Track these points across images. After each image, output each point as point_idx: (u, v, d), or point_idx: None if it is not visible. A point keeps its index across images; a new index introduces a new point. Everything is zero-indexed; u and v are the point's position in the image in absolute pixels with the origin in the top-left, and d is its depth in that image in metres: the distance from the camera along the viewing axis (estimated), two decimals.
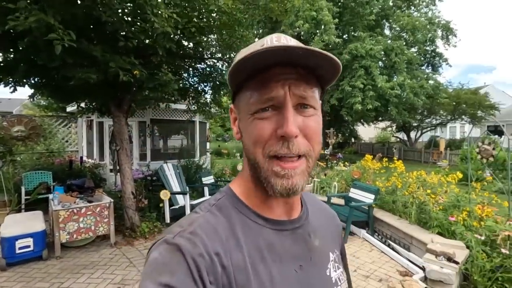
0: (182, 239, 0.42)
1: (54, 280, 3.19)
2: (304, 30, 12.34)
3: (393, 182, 4.86)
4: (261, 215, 0.49)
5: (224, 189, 0.54)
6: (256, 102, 0.44)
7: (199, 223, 0.45)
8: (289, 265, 0.48)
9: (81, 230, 3.82)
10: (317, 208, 0.62)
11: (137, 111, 6.90)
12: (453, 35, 16.93)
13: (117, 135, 4.47)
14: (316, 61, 0.42)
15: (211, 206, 0.49)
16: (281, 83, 0.43)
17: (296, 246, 0.51)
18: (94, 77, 3.05)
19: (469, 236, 3.21)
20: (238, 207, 0.50)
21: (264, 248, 0.47)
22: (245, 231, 0.47)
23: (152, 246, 0.44)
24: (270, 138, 0.44)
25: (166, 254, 0.41)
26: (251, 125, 0.45)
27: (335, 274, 0.56)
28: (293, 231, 0.51)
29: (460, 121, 20.53)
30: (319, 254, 0.54)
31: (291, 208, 0.53)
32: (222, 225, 0.46)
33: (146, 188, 5.71)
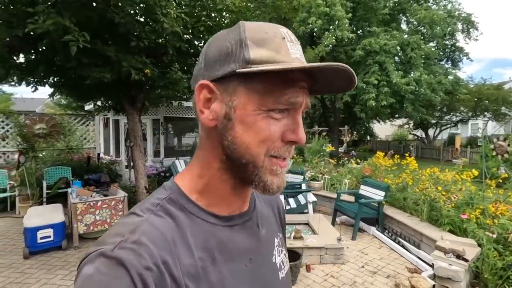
0: (124, 252, 0.36)
1: (73, 268, 3.38)
2: (317, 27, 12.22)
3: (403, 179, 4.78)
4: (212, 212, 0.46)
5: (169, 185, 0.48)
6: (277, 101, 0.42)
7: (143, 230, 0.39)
8: (239, 261, 0.47)
9: (97, 222, 4.02)
10: (262, 195, 0.60)
11: (151, 109, 7.12)
12: (475, 29, 16.26)
13: (131, 132, 4.64)
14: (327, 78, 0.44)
15: (155, 207, 0.43)
16: (303, 91, 0.43)
17: (246, 240, 0.50)
18: (108, 76, 3.20)
19: (480, 234, 3.14)
20: (186, 206, 0.45)
21: (215, 248, 0.45)
22: (195, 233, 0.44)
23: (85, 259, 0.37)
24: (277, 140, 0.43)
25: (104, 270, 0.35)
26: (261, 122, 0.42)
27: (279, 258, 0.57)
28: (243, 225, 0.50)
29: (482, 118, 19.74)
30: (266, 243, 0.54)
31: (245, 201, 0.52)
32: (170, 228, 0.42)
33: (160, 184, 5.89)
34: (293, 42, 0.44)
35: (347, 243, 4.08)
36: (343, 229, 4.75)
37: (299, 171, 6.17)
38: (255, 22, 0.45)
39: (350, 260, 3.66)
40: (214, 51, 0.44)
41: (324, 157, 7.73)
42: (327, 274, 3.32)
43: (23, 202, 5.45)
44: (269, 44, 0.42)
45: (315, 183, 6.09)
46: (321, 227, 4.00)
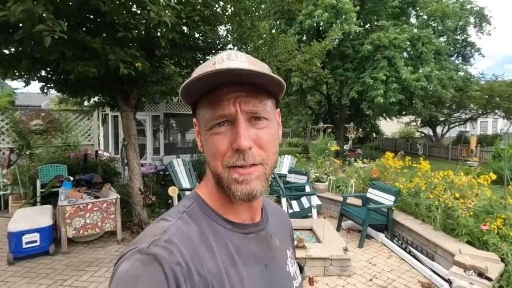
0: (158, 249, 0.41)
1: (58, 277, 3.15)
2: (324, 20, 11.79)
3: (416, 183, 4.45)
4: (229, 219, 0.52)
5: (192, 195, 0.55)
6: (211, 119, 0.47)
7: (173, 231, 0.45)
8: (256, 266, 0.51)
9: (88, 226, 3.79)
10: (273, 211, 0.66)
11: (151, 105, 6.87)
12: (487, 23, 15.69)
13: (125, 130, 4.39)
14: (261, 80, 0.46)
15: (182, 214, 0.49)
16: (232, 101, 0.46)
17: (260, 247, 0.54)
18: (94, 70, 2.92)
19: (505, 248, 2.83)
20: (208, 213, 0.51)
21: (234, 252, 0.49)
22: (216, 237, 0.48)
23: (122, 258, 0.41)
24: (227, 151, 0.46)
25: (139, 266, 0.39)
26: (209, 140, 0.48)
27: (292, 269, 0.61)
28: (257, 234, 0.55)
29: (492, 115, 19.15)
30: (279, 253, 0.59)
31: (254, 212, 0.56)
32: (195, 232, 0.47)
33: (159, 183, 5.65)
34: (223, 62, 0.47)
35: (354, 252, 3.80)
36: (349, 235, 4.46)
37: (303, 172, 5.88)
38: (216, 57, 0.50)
39: (357, 272, 3.37)
40: None
41: (329, 156, 7.40)
42: None
43: (16, 201, 5.25)
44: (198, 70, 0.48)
45: (319, 185, 5.78)
46: (326, 234, 3.71)
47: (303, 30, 12.90)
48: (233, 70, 0.43)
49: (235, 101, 0.45)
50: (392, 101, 11.66)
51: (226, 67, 0.43)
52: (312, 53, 4.88)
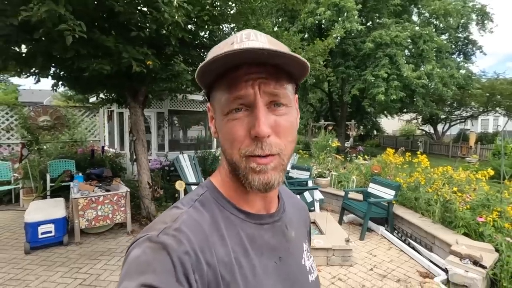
0: (167, 237, 0.41)
1: (73, 265, 3.31)
2: (326, 18, 11.87)
3: (416, 178, 4.59)
4: (243, 209, 0.50)
5: (206, 183, 0.54)
6: (227, 103, 0.45)
7: (183, 219, 0.44)
8: (269, 257, 0.50)
9: (99, 217, 3.94)
10: (291, 201, 0.64)
11: (156, 102, 7.00)
12: (489, 20, 15.69)
13: (134, 126, 4.53)
14: (283, 61, 0.43)
15: (194, 202, 0.49)
16: (251, 83, 0.43)
17: (275, 239, 0.52)
18: (108, 68, 3.06)
19: (499, 239, 2.97)
20: (221, 202, 0.50)
21: (246, 242, 0.48)
22: (228, 226, 0.48)
23: (133, 244, 0.42)
24: (245, 139, 0.44)
25: (149, 253, 0.39)
26: (226, 126, 0.46)
27: (308, 262, 0.59)
28: (273, 225, 0.53)
29: (493, 113, 19.22)
30: (295, 245, 0.57)
31: (270, 202, 0.54)
32: (206, 220, 0.46)
33: (164, 178, 5.80)
34: (242, 42, 0.44)
35: (355, 244, 3.94)
36: (351, 228, 4.61)
37: (305, 168, 6.01)
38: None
39: (358, 262, 3.52)
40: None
41: (331, 153, 7.53)
42: (334, 276, 3.19)
43: (27, 195, 5.42)
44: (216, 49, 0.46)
45: (321, 180, 5.93)
46: (328, 226, 3.86)
47: (305, 28, 12.98)
48: (255, 50, 0.40)
49: (254, 83, 0.43)
50: (393, 99, 11.75)
51: (246, 46, 0.41)
52: (315, 51, 4.99)
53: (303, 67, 0.45)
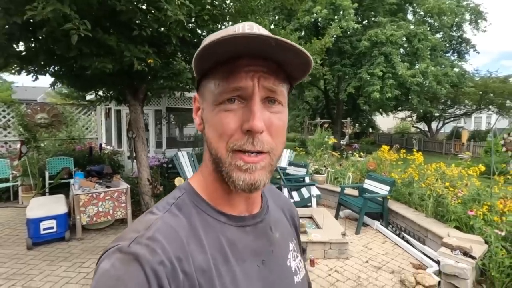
0: (139, 247, 0.38)
1: (76, 260, 3.37)
2: (322, 16, 11.96)
3: (409, 174, 4.72)
4: (223, 212, 0.48)
5: (184, 185, 0.51)
6: (223, 92, 0.42)
7: (158, 226, 0.41)
8: (251, 262, 0.47)
9: (100, 213, 4.00)
10: (275, 198, 0.62)
11: (153, 100, 7.03)
12: (483, 19, 15.91)
13: (133, 123, 4.57)
14: (287, 55, 0.41)
15: (170, 206, 0.46)
16: (251, 74, 0.41)
17: (258, 241, 0.50)
18: (110, 66, 3.11)
19: (488, 231, 3.10)
20: (199, 205, 0.47)
21: (226, 247, 0.45)
22: (207, 231, 0.45)
23: (103, 255, 0.39)
24: (235, 132, 0.42)
25: (120, 266, 0.36)
26: (216, 117, 0.43)
27: (294, 263, 0.57)
28: (255, 226, 0.51)
29: (486, 111, 19.55)
30: (280, 246, 0.54)
31: (253, 203, 0.52)
32: (183, 226, 0.43)
33: (162, 175, 5.86)
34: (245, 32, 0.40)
35: (351, 238, 4.06)
36: (347, 223, 4.72)
37: (302, 164, 6.12)
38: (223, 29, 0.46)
39: (354, 255, 3.64)
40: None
41: (327, 150, 7.65)
42: (331, 269, 3.30)
43: (26, 192, 5.44)
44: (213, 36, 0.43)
45: (318, 177, 6.04)
46: (325, 221, 3.97)
47: (301, 26, 13.05)
48: (264, 37, 0.37)
49: (255, 75, 0.41)
50: (388, 97, 11.91)
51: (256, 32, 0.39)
52: (313, 50, 5.08)
53: (307, 63, 0.42)
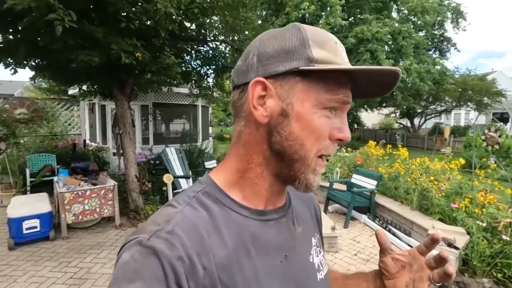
0: (158, 241, 0.38)
1: (62, 259, 3.28)
2: (310, 12, 12.00)
3: (396, 168, 4.85)
4: (245, 205, 0.47)
5: (204, 179, 0.49)
6: (332, 100, 0.43)
7: (177, 220, 0.41)
8: (274, 257, 0.47)
9: (86, 212, 3.89)
10: (296, 192, 0.59)
11: (140, 95, 6.86)
12: (463, 19, 16.43)
13: (120, 118, 4.46)
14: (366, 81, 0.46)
15: (191, 199, 0.45)
16: (349, 92, 0.46)
17: (280, 236, 0.49)
18: (97, 59, 3.00)
19: (470, 223, 3.23)
20: (221, 199, 0.46)
21: (249, 241, 0.44)
22: (229, 225, 0.44)
23: (124, 246, 0.39)
24: (326, 139, 0.45)
25: (139, 259, 0.37)
26: (318, 120, 0.43)
27: (317, 259, 0.56)
28: (278, 220, 0.50)
29: (465, 108, 20.28)
30: (302, 242, 0.54)
31: (280, 198, 0.52)
32: (203, 220, 0.43)
33: (149, 172, 5.76)
34: (342, 47, 0.47)
35: (340, 231, 4.14)
36: (336, 217, 4.82)
37: None
38: (310, 26, 0.46)
39: (343, 248, 3.72)
40: (272, 48, 0.44)
41: None
42: None
43: (6, 190, 5.21)
44: (327, 46, 0.44)
45: None
46: None
47: (289, 21, 13.03)
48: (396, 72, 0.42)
49: (350, 93, 0.46)
50: None
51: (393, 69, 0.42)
52: None
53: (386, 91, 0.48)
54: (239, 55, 3.98)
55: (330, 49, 0.44)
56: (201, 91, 5.72)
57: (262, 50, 0.44)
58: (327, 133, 0.44)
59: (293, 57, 0.42)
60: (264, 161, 0.46)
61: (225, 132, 17.47)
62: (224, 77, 5.74)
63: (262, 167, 0.46)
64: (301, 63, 0.42)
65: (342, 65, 0.43)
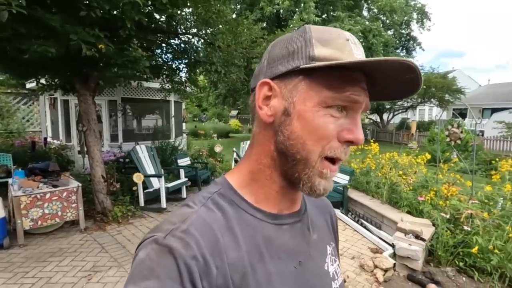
0: (173, 239, 0.38)
1: (18, 269, 3.00)
2: (284, 8, 11.99)
3: (367, 163, 4.99)
4: (260, 208, 0.47)
5: (220, 180, 0.49)
6: (337, 98, 0.41)
7: (192, 220, 0.41)
8: (288, 262, 0.46)
9: (47, 216, 3.60)
10: (312, 199, 0.59)
11: (107, 90, 6.47)
12: (428, 19, 17.33)
13: (84, 115, 4.15)
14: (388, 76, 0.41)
15: (206, 200, 0.45)
16: (364, 92, 0.43)
17: (295, 241, 0.48)
18: (53, 50, 2.73)
19: (435, 215, 3.40)
20: (236, 201, 0.46)
21: (262, 245, 0.44)
22: (243, 227, 0.44)
23: (141, 244, 0.40)
24: (333, 140, 0.42)
25: (154, 257, 0.37)
26: (320, 119, 0.42)
27: (332, 268, 0.55)
28: (292, 225, 0.49)
29: (429, 104, 21.51)
30: (317, 248, 0.53)
31: (294, 202, 0.51)
32: (218, 221, 0.43)
33: (119, 171, 5.47)
34: (356, 45, 0.43)
35: None
36: None
37: None
38: (320, 26, 0.45)
39: None
40: (278, 50, 0.45)
41: None
42: None
43: None
44: (333, 43, 0.42)
45: None
46: None
47: (264, 16, 12.98)
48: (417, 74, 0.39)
49: (366, 92, 0.43)
50: None
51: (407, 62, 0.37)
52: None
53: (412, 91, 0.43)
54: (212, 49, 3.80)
55: (337, 46, 0.42)
56: (173, 86, 5.50)
57: (271, 53, 0.46)
58: (332, 133, 0.42)
59: (296, 56, 0.42)
60: (272, 162, 0.46)
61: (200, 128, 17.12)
62: (197, 72, 5.55)
63: (270, 169, 0.46)
64: (302, 61, 0.42)
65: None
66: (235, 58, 4.68)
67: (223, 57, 4.62)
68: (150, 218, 4.53)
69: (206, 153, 8.53)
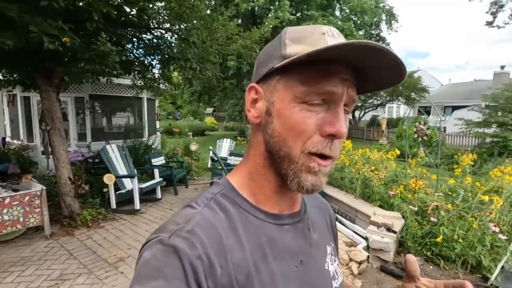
0: (178, 239, 0.38)
1: None
2: (259, 5, 11.98)
3: (341, 160, 5.14)
4: (262, 209, 0.47)
5: (222, 181, 0.50)
6: (311, 92, 0.41)
7: (197, 221, 0.41)
8: (290, 261, 0.47)
9: (6, 223, 3.32)
10: (312, 199, 0.61)
11: (73, 86, 6.10)
12: (395, 21, 18.14)
13: (47, 113, 3.88)
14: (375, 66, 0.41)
15: (209, 200, 0.46)
16: (342, 82, 0.42)
17: (296, 241, 0.49)
18: (11, 43, 2.51)
19: (404, 208, 3.57)
20: (238, 201, 0.47)
21: (265, 244, 0.45)
22: (246, 228, 0.45)
23: (145, 245, 0.40)
24: (314, 134, 0.42)
25: (160, 257, 0.37)
26: (297, 115, 0.42)
27: (332, 267, 0.56)
28: (294, 225, 0.50)
29: (397, 102, 22.64)
30: (318, 248, 0.54)
31: (294, 203, 0.51)
32: (222, 222, 0.43)
33: (88, 172, 5.18)
34: (334, 37, 0.43)
35: None
36: None
37: (243, 154, 6.10)
38: (300, 26, 0.46)
39: None
40: (262, 55, 0.48)
41: None
42: None
43: None
44: (306, 40, 0.43)
45: None
46: None
47: (239, 13, 12.88)
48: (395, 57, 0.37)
49: (345, 82, 0.42)
50: None
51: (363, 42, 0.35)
52: (252, 39, 5.01)
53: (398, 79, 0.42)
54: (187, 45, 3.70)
55: (310, 42, 0.42)
56: (146, 82, 5.30)
57: (258, 59, 0.48)
58: (311, 128, 0.41)
59: (272, 58, 0.44)
60: (265, 162, 0.47)
61: (174, 126, 16.69)
62: (170, 68, 5.39)
63: (265, 168, 0.47)
64: (276, 62, 0.43)
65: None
66: (210, 54, 4.60)
67: (198, 53, 4.52)
68: (122, 221, 4.34)
69: (182, 152, 8.35)
